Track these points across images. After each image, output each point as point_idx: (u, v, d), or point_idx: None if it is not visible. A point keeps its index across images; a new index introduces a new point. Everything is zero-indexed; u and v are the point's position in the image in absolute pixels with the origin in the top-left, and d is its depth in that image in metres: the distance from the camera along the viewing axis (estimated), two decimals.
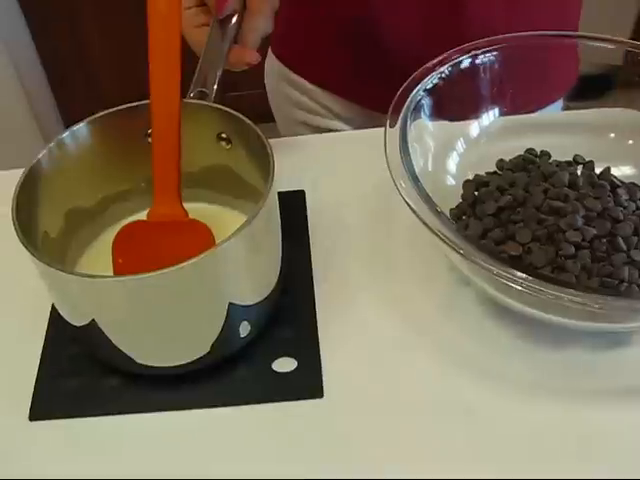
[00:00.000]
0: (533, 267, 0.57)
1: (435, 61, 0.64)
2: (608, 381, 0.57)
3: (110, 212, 0.63)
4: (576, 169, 0.67)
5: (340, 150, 0.76)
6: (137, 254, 0.58)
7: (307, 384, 0.56)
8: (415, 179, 0.54)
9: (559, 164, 0.67)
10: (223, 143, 0.60)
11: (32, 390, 0.57)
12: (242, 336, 0.56)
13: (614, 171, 0.67)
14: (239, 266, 0.52)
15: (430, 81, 0.62)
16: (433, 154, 0.61)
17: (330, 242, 0.66)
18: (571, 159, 0.68)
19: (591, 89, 0.73)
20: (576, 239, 0.57)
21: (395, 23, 0.83)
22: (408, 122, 0.59)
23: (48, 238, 0.57)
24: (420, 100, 0.62)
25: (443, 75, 0.64)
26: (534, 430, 0.54)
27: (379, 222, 0.67)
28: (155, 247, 0.58)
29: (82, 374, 0.58)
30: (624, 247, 0.58)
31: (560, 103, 0.77)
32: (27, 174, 0.54)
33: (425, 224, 0.52)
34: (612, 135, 0.71)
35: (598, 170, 0.67)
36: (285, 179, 0.70)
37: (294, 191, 0.70)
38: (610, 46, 0.69)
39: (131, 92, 2.23)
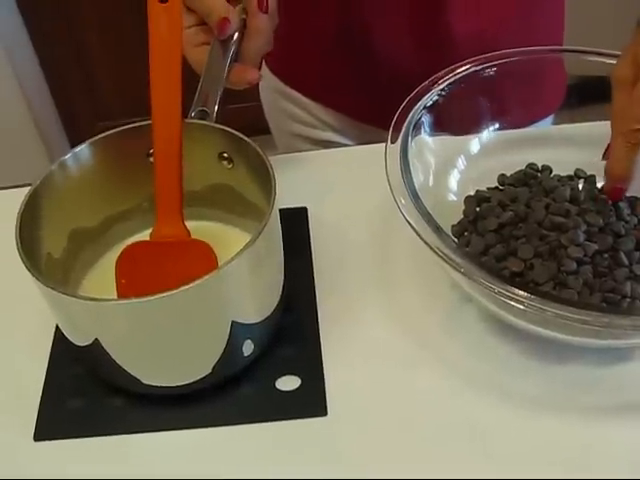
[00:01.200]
0: (535, 283, 0.57)
1: (434, 78, 0.64)
2: (611, 396, 0.57)
3: (113, 232, 0.63)
4: (577, 183, 0.67)
5: (342, 166, 0.76)
6: (140, 274, 0.58)
7: (311, 402, 0.56)
8: (415, 196, 0.54)
9: (560, 179, 0.67)
10: (225, 162, 0.60)
11: (37, 410, 0.58)
12: (246, 355, 0.56)
13: None
14: (243, 286, 0.52)
15: (430, 98, 0.63)
16: (434, 170, 0.61)
17: (333, 259, 0.66)
18: (572, 173, 0.68)
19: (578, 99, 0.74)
20: (578, 255, 0.57)
21: (386, 34, 0.83)
22: (409, 139, 0.59)
23: (52, 259, 0.57)
24: (420, 117, 0.62)
25: (443, 92, 0.64)
26: (537, 446, 0.54)
27: (381, 238, 0.67)
28: (158, 267, 0.58)
29: (86, 394, 0.59)
30: (626, 262, 0.58)
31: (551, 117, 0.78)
32: (30, 196, 0.54)
33: (425, 242, 0.52)
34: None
35: (600, 184, 0.67)
36: (287, 195, 0.71)
37: (296, 208, 0.71)
38: (603, 59, 0.69)
39: (129, 92, 2.25)
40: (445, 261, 0.51)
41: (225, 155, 0.60)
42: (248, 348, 0.56)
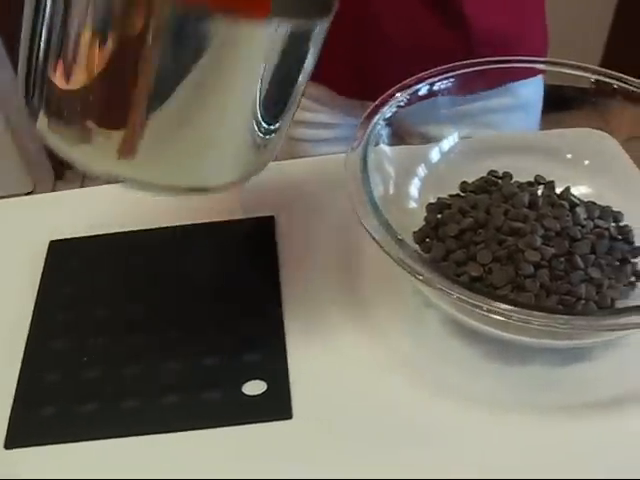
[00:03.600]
0: (494, 287, 0.59)
1: (394, 89, 0.66)
2: (572, 395, 0.58)
3: None
4: (537, 189, 0.69)
5: (310, 175, 0.78)
6: None
7: (276, 406, 0.57)
8: (374, 205, 0.56)
9: (520, 185, 0.68)
10: None
11: (8, 417, 0.58)
12: None
13: (574, 191, 0.69)
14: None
15: (389, 109, 0.64)
16: (395, 179, 0.63)
17: (299, 266, 0.68)
18: (533, 180, 0.70)
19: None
20: (535, 259, 0.59)
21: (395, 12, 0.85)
22: (368, 149, 0.60)
23: None
24: (380, 128, 0.63)
25: (401, 103, 0.66)
26: (501, 446, 0.55)
27: (348, 246, 0.68)
28: None
29: (59, 400, 0.59)
30: (582, 265, 0.60)
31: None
32: None
33: (385, 251, 0.54)
34: (569, 156, 0.73)
35: (559, 190, 0.69)
36: (254, 205, 0.72)
37: (264, 217, 0.72)
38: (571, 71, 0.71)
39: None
40: (405, 269, 0.53)
41: None
42: None
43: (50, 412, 0.59)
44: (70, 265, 0.70)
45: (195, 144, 0.48)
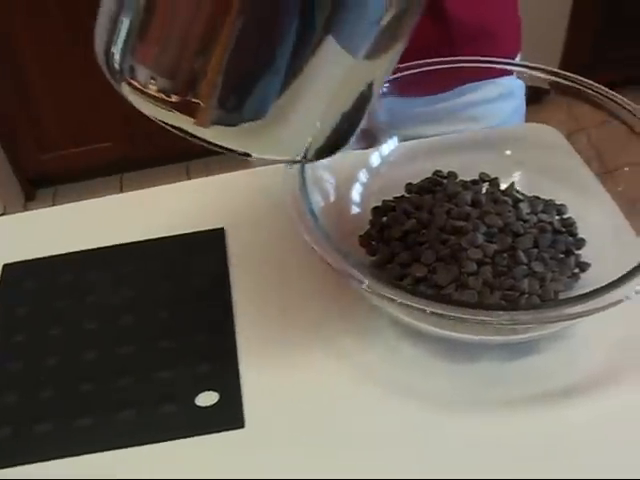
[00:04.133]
0: (438, 287, 0.60)
1: None
2: (519, 389, 0.59)
3: None
4: (481, 187, 0.70)
5: (260, 186, 0.78)
6: None
7: (228, 416, 0.58)
8: (313, 216, 0.57)
9: (465, 184, 0.69)
10: None
11: None
12: None
13: (520, 186, 0.70)
14: None
15: None
16: (335, 186, 0.63)
17: (250, 277, 0.68)
18: (477, 178, 0.71)
19: None
20: (477, 256, 0.60)
21: None
22: None
23: None
24: None
25: None
26: (456, 443, 0.56)
27: (299, 255, 0.69)
28: None
29: (15, 421, 0.60)
30: (524, 260, 0.61)
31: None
32: None
33: (326, 261, 0.54)
34: (515, 152, 0.75)
35: (503, 186, 0.70)
36: (205, 218, 0.73)
37: (214, 229, 0.73)
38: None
39: (72, 123, 2.24)
40: (346, 278, 0.54)
41: None
42: None
43: (6, 433, 0.59)
44: (24, 287, 0.70)
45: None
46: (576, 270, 0.63)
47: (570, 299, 0.54)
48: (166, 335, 0.65)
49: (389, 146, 0.71)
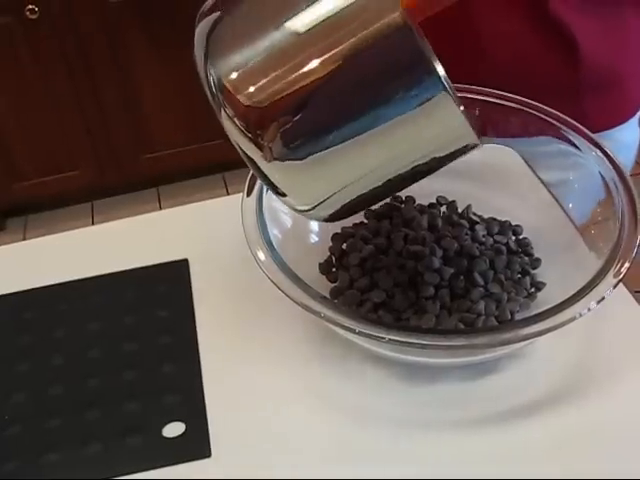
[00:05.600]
0: (397, 311, 0.61)
1: None
2: (480, 408, 0.60)
3: None
4: (439, 211, 0.71)
5: (224, 216, 0.79)
6: None
7: (195, 445, 0.59)
8: (271, 247, 0.58)
9: (422, 208, 0.71)
10: None
11: None
12: None
13: (479, 208, 0.71)
14: None
15: None
16: (294, 216, 0.64)
17: (214, 307, 0.69)
18: (434, 201, 0.72)
19: None
20: (434, 280, 0.61)
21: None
22: (263, 191, 0.62)
23: None
24: None
25: None
26: (423, 462, 0.57)
27: (261, 284, 0.70)
28: None
29: None
30: (480, 282, 0.62)
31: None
32: None
33: (282, 291, 0.55)
34: (475, 174, 0.76)
35: (460, 209, 0.71)
36: (169, 250, 0.74)
37: (176, 260, 0.73)
38: None
39: (41, 151, 2.24)
40: (303, 307, 0.55)
41: None
42: None
43: None
44: None
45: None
46: (532, 290, 0.65)
47: (524, 320, 0.56)
48: (132, 367, 0.65)
49: None
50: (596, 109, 0.82)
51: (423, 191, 0.72)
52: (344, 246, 0.68)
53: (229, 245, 0.75)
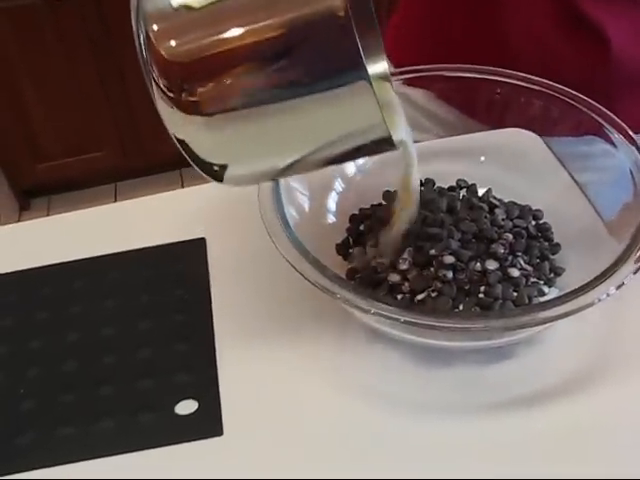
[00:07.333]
0: (414, 293, 0.61)
1: None
2: (494, 394, 0.60)
3: None
4: (459, 194, 0.70)
5: (241, 195, 0.78)
6: None
7: (207, 423, 0.59)
8: (287, 226, 0.57)
9: (441, 190, 0.70)
10: None
11: None
12: None
13: (499, 192, 0.71)
14: None
15: None
16: (311, 196, 0.64)
17: (230, 287, 0.69)
18: (455, 184, 0.72)
19: None
20: (451, 262, 0.61)
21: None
22: None
23: None
24: None
25: None
26: (435, 447, 0.56)
27: (278, 266, 0.69)
28: None
29: None
30: (498, 265, 0.62)
31: None
32: None
33: (299, 271, 0.55)
34: (495, 157, 0.75)
35: (481, 192, 0.70)
36: (185, 228, 0.74)
37: (194, 239, 0.73)
38: None
39: (65, 132, 2.26)
40: (319, 288, 0.54)
41: None
42: None
43: None
44: (6, 299, 0.71)
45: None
46: (551, 275, 0.64)
47: (541, 304, 0.55)
48: (146, 345, 0.65)
49: None
50: (628, 109, 0.80)
51: (443, 174, 0.72)
52: (362, 227, 0.67)
53: (248, 224, 0.74)
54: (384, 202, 0.70)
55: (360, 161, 0.70)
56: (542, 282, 0.63)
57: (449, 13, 0.89)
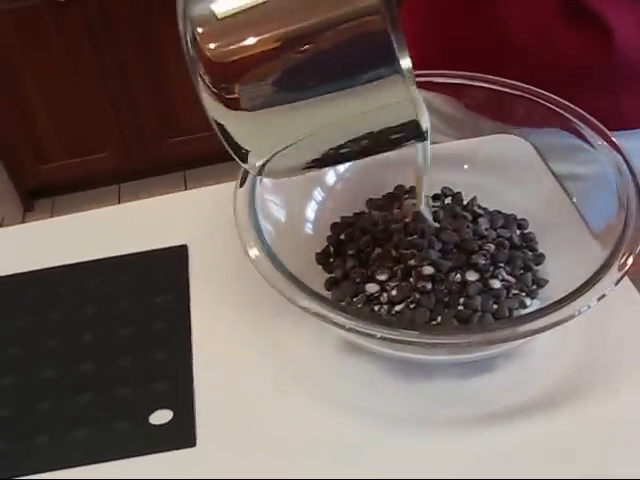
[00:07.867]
0: (392, 304, 0.60)
1: None
2: (475, 407, 0.59)
3: None
4: (443, 202, 0.69)
5: (224, 202, 0.78)
6: None
7: (180, 434, 0.58)
8: (261, 237, 0.56)
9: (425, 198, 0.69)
10: None
11: None
12: None
13: (484, 200, 0.70)
14: None
15: None
16: (289, 205, 0.63)
17: (210, 294, 0.68)
18: (439, 192, 0.71)
19: None
20: (430, 273, 0.60)
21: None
22: (257, 181, 0.61)
23: None
24: None
25: None
26: (414, 460, 0.56)
27: (258, 274, 0.69)
28: None
29: None
30: (478, 277, 0.61)
31: None
32: None
33: (272, 285, 0.54)
34: (483, 164, 0.74)
35: (465, 201, 0.70)
36: (167, 235, 0.73)
37: (176, 246, 0.73)
38: None
39: (68, 134, 2.26)
40: (293, 303, 0.54)
41: None
42: None
43: None
44: None
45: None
46: (533, 287, 0.63)
47: (521, 317, 0.54)
48: (125, 352, 0.65)
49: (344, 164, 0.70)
50: (631, 103, 0.78)
51: (429, 181, 0.71)
52: (342, 236, 0.66)
53: (230, 232, 0.73)
54: (366, 210, 0.69)
55: (340, 169, 0.70)
56: (524, 294, 0.62)
57: (450, 7, 0.88)
